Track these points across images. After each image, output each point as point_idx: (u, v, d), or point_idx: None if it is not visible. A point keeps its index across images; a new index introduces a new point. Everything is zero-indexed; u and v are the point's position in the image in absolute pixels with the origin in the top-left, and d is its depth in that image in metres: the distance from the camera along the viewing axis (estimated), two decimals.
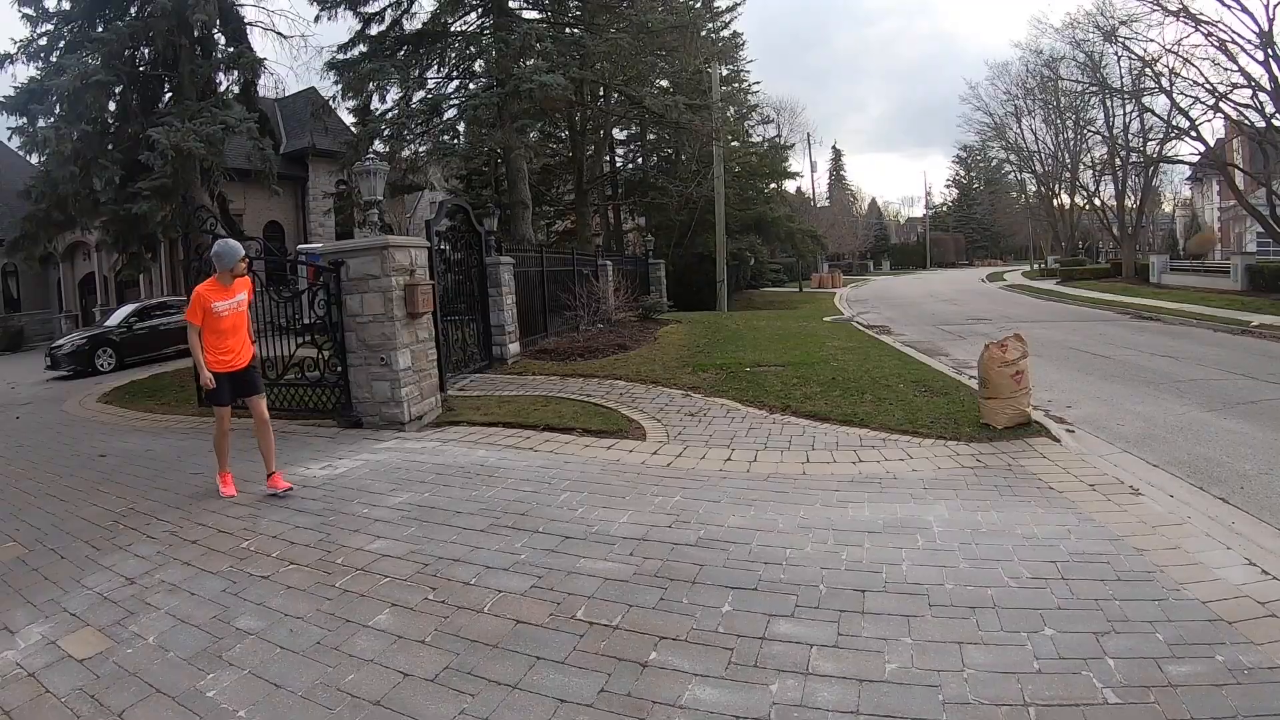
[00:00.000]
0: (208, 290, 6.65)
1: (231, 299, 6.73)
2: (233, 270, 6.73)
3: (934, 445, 7.48)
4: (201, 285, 6.74)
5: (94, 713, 3.39)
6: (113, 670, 3.75)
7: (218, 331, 6.68)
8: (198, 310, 6.62)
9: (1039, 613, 3.99)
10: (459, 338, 12.58)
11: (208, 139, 15.51)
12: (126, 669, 3.75)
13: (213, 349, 6.69)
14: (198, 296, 6.65)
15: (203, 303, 6.58)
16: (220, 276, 6.71)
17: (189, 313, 6.73)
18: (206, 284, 6.73)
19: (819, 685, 3.40)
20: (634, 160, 40.34)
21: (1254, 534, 5.22)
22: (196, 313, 6.63)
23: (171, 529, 5.84)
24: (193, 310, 6.67)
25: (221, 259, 6.71)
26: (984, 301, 30.86)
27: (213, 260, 6.85)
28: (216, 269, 6.76)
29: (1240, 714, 3.08)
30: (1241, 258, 29.83)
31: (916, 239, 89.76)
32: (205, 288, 6.68)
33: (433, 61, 20.39)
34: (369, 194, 9.79)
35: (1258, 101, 24.20)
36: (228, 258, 6.70)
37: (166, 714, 3.34)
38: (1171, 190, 60.84)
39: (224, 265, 6.69)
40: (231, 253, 6.73)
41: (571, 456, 7.56)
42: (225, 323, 6.70)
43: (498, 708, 3.30)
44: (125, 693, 3.53)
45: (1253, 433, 7.97)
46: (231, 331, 6.76)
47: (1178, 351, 14.17)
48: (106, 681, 3.65)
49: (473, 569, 4.78)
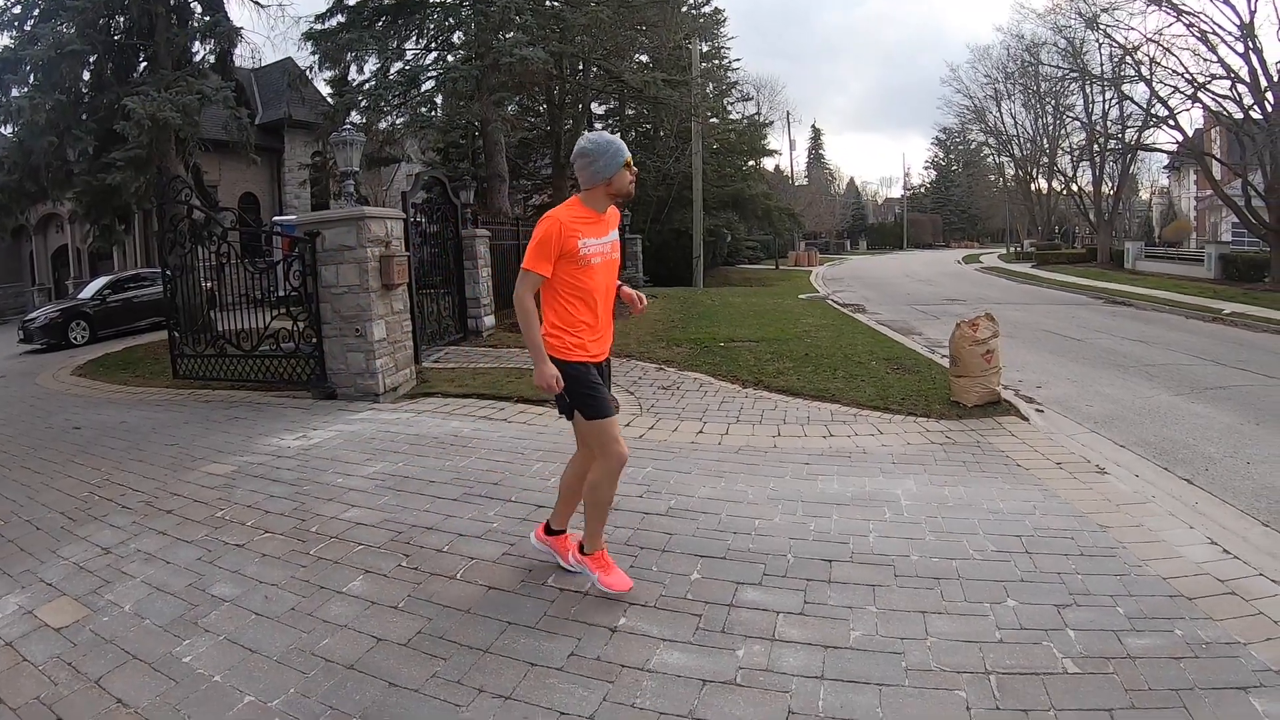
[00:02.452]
0: (571, 218, 3.85)
1: (605, 236, 3.98)
2: (612, 185, 3.94)
3: (904, 421, 7.57)
4: (559, 210, 3.92)
5: (71, 680, 3.41)
6: (89, 638, 3.77)
7: (581, 292, 3.91)
8: (549, 251, 3.79)
9: (1002, 585, 4.06)
10: (434, 310, 12.61)
11: (183, 109, 15.29)
12: (103, 637, 3.76)
13: (569, 324, 3.92)
14: (551, 229, 3.78)
15: (560, 238, 3.79)
16: (589, 196, 3.96)
17: (527, 255, 3.81)
18: (567, 208, 3.93)
19: (785, 651, 3.46)
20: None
21: (1217, 514, 5.33)
22: (545, 255, 3.79)
23: (146, 499, 5.83)
24: (532, 250, 3.80)
25: (601, 159, 3.88)
26: (959, 283, 31.08)
27: (581, 165, 3.92)
28: (585, 181, 3.95)
29: (1197, 686, 3.16)
30: (1215, 247, 30.15)
31: (894, 219, 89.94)
32: (566, 213, 3.88)
33: (411, 32, 20.17)
34: (345, 165, 9.75)
35: (1236, 93, 24.39)
36: (610, 159, 3.88)
37: (143, 680, 3.36)
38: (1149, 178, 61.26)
39: (601, 173, 3.89)
40: (615, 152, 3.89)
41: (545, 427, 7.61)
42: (595, 276, 3.95)
43: (469, 671, 3.35)
44: (102, 660, 3.55)
45: (1220, 417, 8.09)
46: (603, 294, 4.05)
47: (1149, 337, 14.34)
48: (84, 649, 3.66)
49: (445, 537, 4.81)
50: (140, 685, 3.33)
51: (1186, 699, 3.08)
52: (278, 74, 27.93)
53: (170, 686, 3.31)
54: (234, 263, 10.48)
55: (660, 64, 26.08)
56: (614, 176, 3.90)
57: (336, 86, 21.28)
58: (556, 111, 28.85)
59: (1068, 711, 3.02)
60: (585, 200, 3.95)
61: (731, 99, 46.60)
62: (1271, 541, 4.86)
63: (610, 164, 3.86)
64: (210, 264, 10.67)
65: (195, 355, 10.93)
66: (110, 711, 3.15)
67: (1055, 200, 52.33)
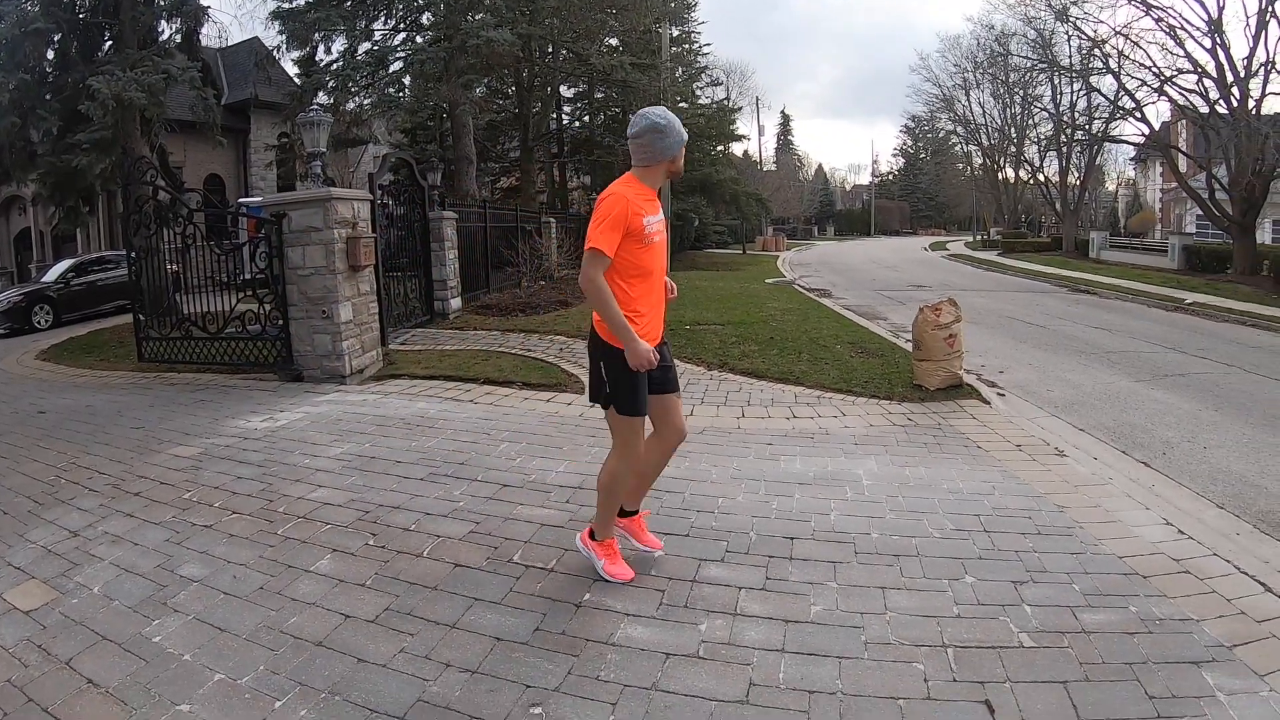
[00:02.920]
0: (636, 194, 3.73)
1: (658, 214, 3.87)
2: (675, 163, 3.83)
3: (867, 404, 7.69)
4: (622, 187, 3.73)
5: (42, 662, 3.40)
6: (59, 620, 3.76)
7: (642, 271, 3.81)
8: (617, 228, 3.64)
9: (960, 562, 4.16)
10: (401, 292, 12.57)
11: (149, 89, 15.08)
12: (73, 619, 3.75)
13: (626, 306, 3.74)
14: (619, 207, 3.64)
15: (628, 217, 3.65)
16: (648, 173, 3.82)
17: (597, 234, 3.63)
18: (628, 185, 3.76)
19: (746, 625, 3.53)
20: (581, 118, 39.96)
21: (1173, 496, 5.45)
22: (611, 233, 3.63)
23: (113, 482, 5.79)
24: (603, 229, 3.63)
25: (671, 135, 3.74)
26: (925, 269, 31.30)
27: (648, 139, 3.74)
28: (648, 157, 3.78)
29: (1150, 660, 3.25)
30: (1179, 238, 30.53)
31: (862, 206, 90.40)
32: (630, 190, 3.72)
33: (380, 12, 20.07)
34: (312, 146, 9.70)
35: (1203, 87, 24.65)
36: (678, 136, 3.77)
37: (113, 660, 3.37)
38: (1115, 169, 62.11)
39: (669, 150, 3.76)
40: (681, 129, 3.79)
41: (511, 409, 7.66)
42: (655, 255, 3.86)
43: (436, 646, 3.39)
44: (72, 641, 3.55)
45: (1178, 403, 8.25)
46: (659, 273, 3.96)
47: (1111, 324, 14.55)
48: (53, 632, 3.65)
49: (412, 515, 4.84)
50: (110, 665, 3.34)
51: (1140, 672, 3.17)
52: (245, 54, 27.56)
53: (140, 666, 3.32)
54: (199, 245, 10.38)
55: (630, 48, 26.05)
56: (677, 154, 3.81)
57: (304, 67, 21.11)
58: (525, 94, 28.74)
59: (1023, 684, 3.10)
60: (642, 177, 3.81)
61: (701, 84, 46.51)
62: (1226, 523, 4.99)
63: (678, 141, 3.76)
64: (175, 246, 10.55)
65: (160, 338, 10.83)
66: (81, 692, 3.16)
67: (1022, 189, 52.77)
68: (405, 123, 28.32)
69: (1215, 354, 11.33)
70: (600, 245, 3.59)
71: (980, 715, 2.93)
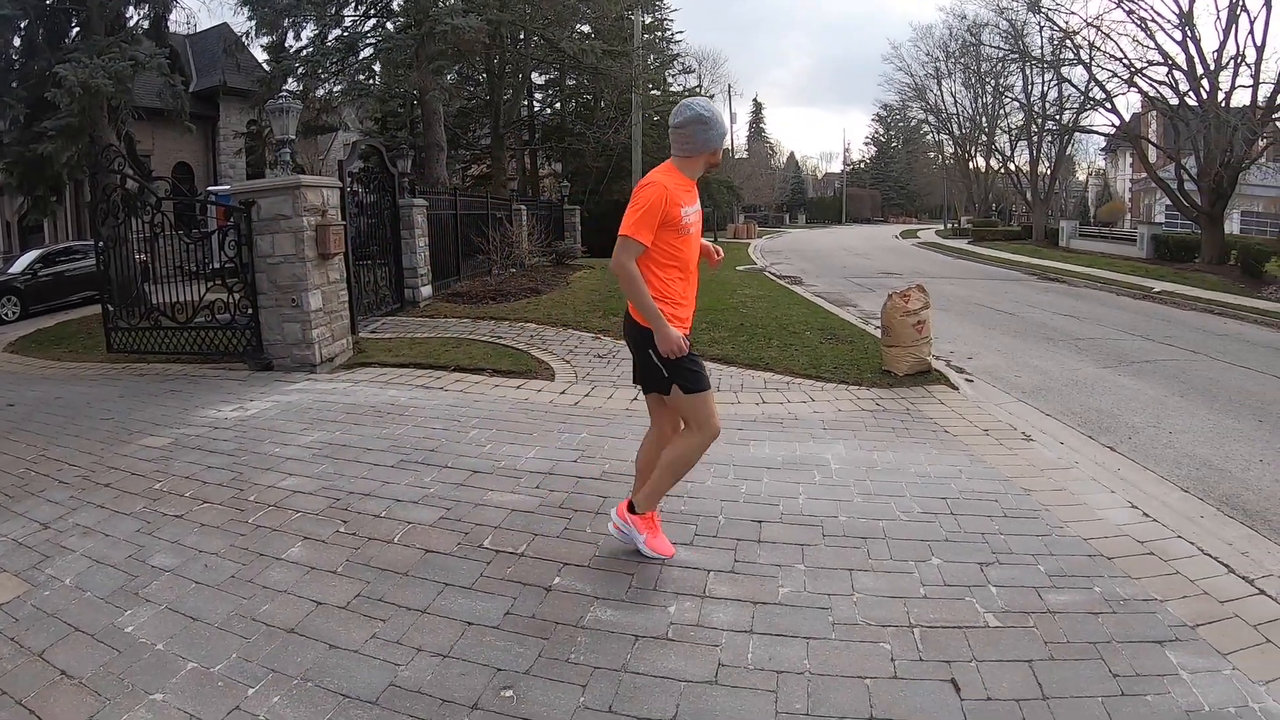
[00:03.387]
0: (674, 184, 3.71)
1: (695, 204, 3.84)
2: (716, 155, 3.85)
3: (836, 389, 7.76)
4: (661, 176, 3.71)
5: (14, 654, 3.37)
6: (31, 613, 3.72)
7: (679, 261, 3.78)
8: (653, 219, 3.60)
9: (927, 544, 4.22)
10: (371, 280, 12.52)
11: (116, 76, 14.92)
12: (45, 611, 3.72)
13: (666, 295, 3.74)
14: (656, 195, 3.60)
15: (665, 206, 3.61)
16: (688, 163, 3.80)
17: (632, 222, 3.59)
18: (667, 174, 3.74)
19: (715, 607, 3.57)
20: (552, 106, 39.92)
21: (1138, 480, 5.55)
22: (649, 223, 3.60)
23: (84, 474, 5.73)
24: (640, 218, 3.59)
25: (715, 127, 3.75)
26: (896, 257, 31.47)
27: (692, 130, 3.72)
28: (691, 148, 3.77)
29: (1114, 640, 3.32)
30: (1148, 227, 30.89)
31: (833, 194, 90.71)
32: (669, 179, 3.71)
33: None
34: (281, 133, 9.61)
35: (1173, 79, 24.94)
36: (721, 128, 3.80)
37: (87, 651, 3.35)
38: (1085, 159, 62.58)
39: (711, 142, 3.76)
40: (724, 122, 3.85)
41: (481, 396, 7.66)
42: (691, 245, 3.85)
43: (408, 631, 3.41)
44: (45, 633, 3.52)
45: (1145, 389, 8.37)
46: (695, 263, 3.92)
47: (1080, 312, 14.72)
48: (25, 624, 3.62)
49: (383, 502, 4.85)
50: (84, 656, 3.32)
51: (1104, 651, 3.24)
52: (213, 40, 27.28)
53: (114, 656, 3.30)
54: (168, 234, 10.28)
55: (602, 35, 26.01)
56: (718, 147, 3.82)
57: (273, 53, 20.86)
58: (496, 81, 28.59)
59: (989, 663, 3.16)
60: (682, 167, 3.80)
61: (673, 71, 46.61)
62: (1190, 506, 5.10)
63: (720, 134, 3.77)
64: (144, 235, 10.44)
65: (129, 329, 10.72)
66: (55, 683, 3.14)
67: (993, 178, 53.13)
68: (375, 110, 28.18)
69: (1182, 341, 11.50)
70: (632, 234, 3.58)
71: (946, 694, 2.98)
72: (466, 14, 17.41)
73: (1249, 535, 4.64)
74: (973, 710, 2.89)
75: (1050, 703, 2.92)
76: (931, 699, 2.95)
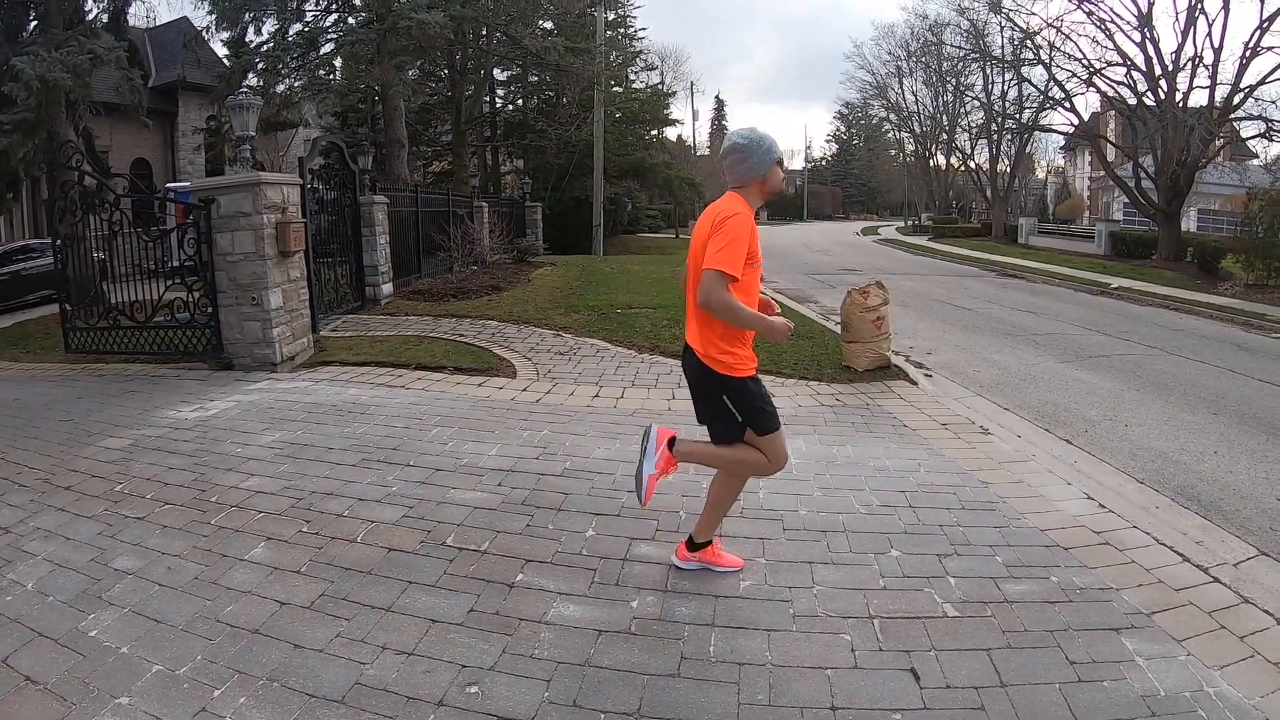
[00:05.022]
0: (750, 212, 3.60)
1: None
2: (767, 182, 3.68)
3: (796, 385, 7.84)
4: (739, 204, 3.56)
5: None
6: None
7: (750, 297, 3.61)
8: (743, 248, 3.43)
9: (886, 536, 4.30)
10: (332, 278, 12.41)
11: (74, 69, 14.66)
12: (7, 616, 3.67)
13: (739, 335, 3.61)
14: (745, 227, 3.46)
15: (751, 237, 3.50)
16: (745, 193, 3.65)
17: (725, 256, 3.37)
18: (742, 203, 3.59)
19: (677, 601, 3.62)
20: (514, 102, 39.83)
21: (1094, 472, 5.68)
22: (741, 256, 3.42)
23: (44, 476, 5.65)
24: (732, 249, 3.39)
25: (754, 155, 3.61)
26: (857, 254, 31.73)
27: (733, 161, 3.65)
28: (738, 179, 3.67)
29: (1071, 628, 3.42)
30: (1106, 224, 31.47)
31: (795, 191, 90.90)
32: (745, 205, 3.59)
33: None
34: (241, 129, 9.51)
35: (1131, 79, 25.36)
36: (764, 154, 3.62)
37: (51, 656, 3.32)
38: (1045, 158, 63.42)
39: (756, 170, 3.63)
40: (769, 148, 3.63)
41: (442, 394, 7.65)
42: (758, 278, 3.73)
43: (372, 629, 3.42)
44: (7, 639, 3.48)
45: (1101, 383, 8.54)
46: (758, 295, 3.77)
47: (1038, 308, 14.95)
48: None
49: (345, 502, 4.84)
50: (48, 661, 3.29)
51: (1061, 639, 3.33)
52: (173, 34, 26.95)
53: (78, 661, 3.28)
54: (126, 231, 10.13)
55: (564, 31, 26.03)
56: (768, 173, 3.64)
57: (234, 48, 20.70)
58: (458, 77, 28.53)
59: (948, 652, 3.23)
60: (743, 197, 3.63)
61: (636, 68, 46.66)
62: (1145, 497, 5.23)
63: (765, 160, 3.61)
64: (102, 233, 10.29)
65: (88, 328, 10.57)
66: (19, 689, 3.11)
67: (953, 176, 53.83)
68: (336, 105, 27.98)
69: (1138, 336, 11.74)
70: (728, 269, 3.37)
71: (906, 683, 3.04)
72: (430, 9, 17.33)
73: (1204, 525, 4.78)
74: (932, 698, 2.96)
75: (1009, 690, 3.00)
76: (892, 688, 3.02)
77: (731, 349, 3.54)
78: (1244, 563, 4.24)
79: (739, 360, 3.56)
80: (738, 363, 3.55)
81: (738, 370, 3.56)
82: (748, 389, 3.59)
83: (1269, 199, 19.92)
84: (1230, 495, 5.37)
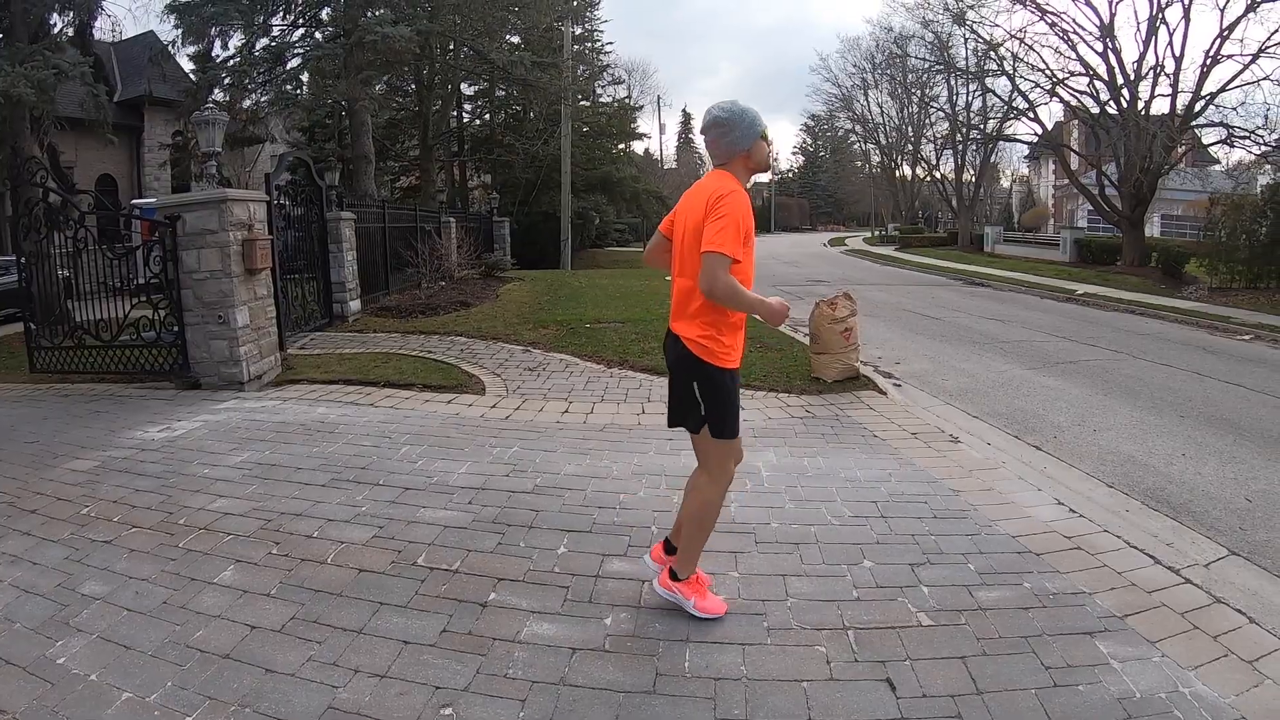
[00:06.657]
0: (743, 189, 3.48)
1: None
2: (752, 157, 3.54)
3: (766, 397, 7.87)
4: (731, 182, 3.45)
5: None
6: None
7: (743, 277, 3.41)
8: (741, 228, 3.31)
9: (859, 547, 4.33)
10: (299, 295, 12.31)
11: (39, 84, 14.42)
12: None
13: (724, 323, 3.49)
14: (742, 204, 3.36)
15: (749, 216, 3.41)
16: (730, 169, 3.53)
17: (724, 237, 3.24)
18: (730, 178, 3.49)
19: (651, 617, 3.62)
20: (482, 117, 39.88)
21: (1064, 477, 5.75)
22: (739, 235, 3.29)
23: (9, 499, 5.55)
24: (731, 229, 3.25)
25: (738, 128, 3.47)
26: (824, 264, 31.92)
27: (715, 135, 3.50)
28: (721, 154, 3.54)
29: (1045, 633, 3.45)
30: (1071, 232, 31.82)
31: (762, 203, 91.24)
32: (737, 182, 3.49)
33: (278, 8, 19.68)
34: (207, 145, 9.43)
35: (1094, 89, 25.74)
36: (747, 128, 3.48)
37: (18, 684, 3.26)
38: (1009, 166, 64.20)
39: (739, 144, 3.49)
40: (752, 120, 3.49)
41: (411, 412, 7.60)
42: (751, 261, 3.53)
43: (344, 652, 3.39)
44: None
45: (1069, 389, 8.64)
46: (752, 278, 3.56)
47: (1005, 315, 15.10)
48: None
49: (315, 522, 4.80)
50: (15, 690, 3.23)
51: (1035, 645, 3.36)
52: (139, 48, 26.71)
53: (46, 689, 3.22)
54: (92, 249, 10.01)
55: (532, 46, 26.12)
56: (752, 147, 3.50)
57: (200, 63, 20.53)
58: (425, 92, 28.50)
59: (923, 661, 3.25)
60: (730, 173, 3.50)
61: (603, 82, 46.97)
62: (1115, 501, 5.31)
63: (749, 133, 3.46)
64: (67, 251, 10.16)
65: (53, 348, 10.40)
66: None
67: (919, 186, 54.34)
68: (303, 121, 27.89)
69: (1105, 342, 11.89)
70: (727, 250, 3.24)
71: (882, 693, 3.06)
72: (396, 24, 17.32)
73: (1174, 527, 4.86)
74: (909, 708, 2.97)
75: (985, 697, 3.02)
76: (868, 699, 3.03)
77: (720, 335, 3.44)
78: (1215, 563, 4.31)
79: (723, 349, 3.44)
80: (721, 350, 3.43)
81: (718, 358, 3.43)
82: (723, 382, 3.47)
83: (1231, 204, 20.27)
84: (1199, 497, 5.45)
